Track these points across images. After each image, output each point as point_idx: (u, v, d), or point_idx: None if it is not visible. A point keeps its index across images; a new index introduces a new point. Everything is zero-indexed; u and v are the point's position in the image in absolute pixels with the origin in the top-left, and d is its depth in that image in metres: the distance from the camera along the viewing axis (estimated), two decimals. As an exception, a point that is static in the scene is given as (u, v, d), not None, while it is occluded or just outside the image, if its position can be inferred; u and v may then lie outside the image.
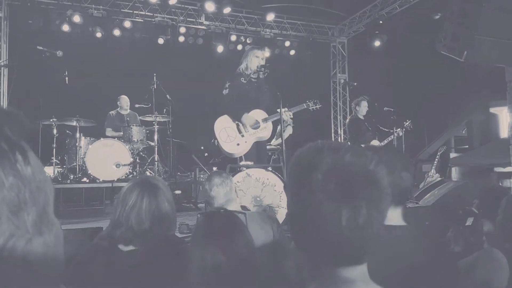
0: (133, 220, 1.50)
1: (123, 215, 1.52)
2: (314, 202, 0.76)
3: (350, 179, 0.76)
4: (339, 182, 0.75)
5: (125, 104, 6.77)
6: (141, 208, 1.51)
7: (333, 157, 0.78)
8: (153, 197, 1.55)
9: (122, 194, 1.57)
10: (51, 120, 5.91)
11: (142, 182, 1.61)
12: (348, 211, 0.74)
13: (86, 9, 7.19)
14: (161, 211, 1.55)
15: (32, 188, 0.51)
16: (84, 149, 5.89)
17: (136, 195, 1.53)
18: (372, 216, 0.76)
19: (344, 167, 0.77)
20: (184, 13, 7.90)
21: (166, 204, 1.57)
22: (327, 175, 0.76)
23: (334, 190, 0.75)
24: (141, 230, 1.50)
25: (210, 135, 4.17)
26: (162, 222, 1.55)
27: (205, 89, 7.39)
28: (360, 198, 0.75)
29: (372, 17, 8.09)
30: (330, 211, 0.74)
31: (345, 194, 0.75)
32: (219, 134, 3.99)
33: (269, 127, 4.08)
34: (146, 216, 1.51)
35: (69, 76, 5.93)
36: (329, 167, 0.77)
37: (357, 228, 0.75)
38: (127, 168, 5.87)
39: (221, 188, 2.30)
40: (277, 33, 8.59)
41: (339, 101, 9.57)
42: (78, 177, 5.83)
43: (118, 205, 1.55)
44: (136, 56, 7.59)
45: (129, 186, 1.58)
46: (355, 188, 0.76)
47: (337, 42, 9.44)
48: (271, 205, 3.48)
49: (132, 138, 6.12)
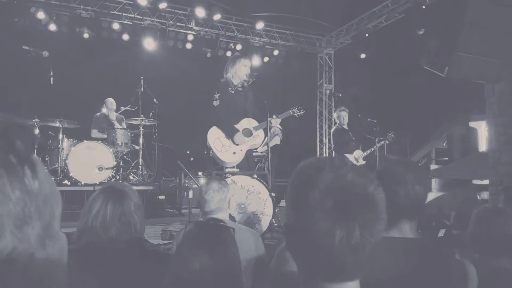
0: (98, 226, 1.51)
1: (88, 222, 1.53)
2: (309, 219, 0.76)
3: (347, 199, 0.76)
4: (335, 202, 0.75)
5: (111, 107, 6.69)
6: (106, 215, 1.53)
7: (334, 175, 0.78)
8: (119, 203, 1.56)
9: (88, 202, 1.58)
10: (34, 121, 5.80)
11: (107, 189, 1.62)
12: (341, 231, 0.74)
13: (74, 10, 7.12)
14: (127, 216, 1.55)
15: (38, 203, 0.52)
16: (66, 151, 5.80)
17: (101, 202, 1.55)
18: (364, 237, 0.76)
19: (343, 186, 0.77)
20: (174, 17, 7.90)
21: (133, 209, 1.58)
22: (325, 193, 0.76)
23: (329, 209, 0.75)
24: (108, 236, 1.51)
25: (198, 141, 4.17)
26: (129, 227, 1.55)
27: (192, 94, 7.40)
28: (355, 219, 0.75)
29: (358, 30, 8.27)
30: (324, 229, 0.75)
31: (340, 214, 0.75)
32: (213, 144, 3.97)
33: (261, 134, 4.11)
34: (111, 222, 1.52)
35: (55, 77, 5.84)
36: (328, 186, 0.76)
37: (349, 248, 0.75)
38: (110, 172, 5.80)
39: (216, 194, 2.31)
40: (266, 42, 8.68)
41: (324, 111, 9.70)
42: (59, 180, 5.73)
43: (85, 212, 1.56)
44: (123, 59, 7.54)
45: (95, 194, 1.60)
46: (351, 209, 0.76)
47: (324, 53, 9.60)
48: (255, 213, 3.50)
49: (116, 141, 6.05)
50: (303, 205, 0.77)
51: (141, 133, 6.30)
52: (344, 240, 0.74)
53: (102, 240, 1.50)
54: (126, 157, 6.38)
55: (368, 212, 0.77)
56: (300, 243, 0.80)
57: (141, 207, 1.64)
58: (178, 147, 7.64)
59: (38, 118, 5.82)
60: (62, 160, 5.77)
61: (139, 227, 1.60)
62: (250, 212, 3.49)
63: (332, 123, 9.10)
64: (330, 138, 7.88)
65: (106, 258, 1.50)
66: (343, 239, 0.74)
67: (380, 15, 7.84)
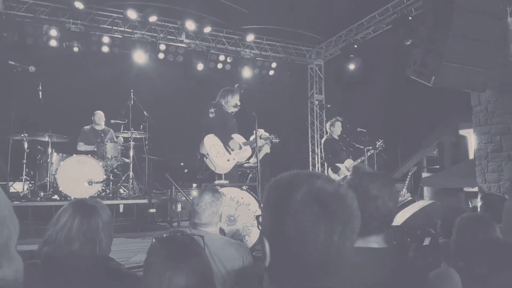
0: (61, 239, 1.48)
1: (53, 234, 1.50)
2: (292, 222, 0.80)
3: (326, 200, 0.82)
4: (317, 202, 0.81)
5: (100, 120, 6.65)
6: (72, 228, 1.49)
7: (309, 181, 0.85)
8: (86, 218, 1.53)
9: (56, 215, 1.55)
10: (22, 135, 5.74)
11: (77, 203, 1.59)
12: (325, 228, 0.79)
13: (63, 24, 7.13)
14: (93, 233, 1.52)
15: None
16: (55, 165, 5.74)
17: (69, 215, 1.52)
18: (346, 234, 0.81)
19: (320, 189, 0.84)
20: (164, 30, 7.95)
21: (101, 226, 1.55)
22: (306, 196, 0.82)
23: (312, 209, 0.80)
24: (70, 250, 1.48)
25: (190, 152, 4.28)
26: (94, 244, 1.51)
27: (183, 107, 7.41)
28: (335, 217, 0.81)
29: (347, 41, 8.38)
30: (307, 229, 0.79)
31: (322, 213, 0.80)
32: (209, 149, 4.19)
33: (248, 149, 4.47)
34: (75, 236, 1.49)
35: (44, 91, 5.82)
36: (307, 189, 0.83)
37: (333, 245, 0.80)
38: (100, 186, 5.74)
39: (208, 208, 2.26)
40: (256, 54, 8.75)
41: (316, 121, 9.75)
42: (49, 194, 5.66)
43: (51, 224, 1.53)
44: (113, 72, 7.53)
45: (64, 207, 1.57)
46: (331, 208, 0.82)
47: (314, 64, 9.70)
48: (245, 225, 3.48)
49: (106, 155, 6.01)
50: (285, 209, 0.82)
51: (132, 146, 6.26)
52: (328, 237, 0.79)
53: (64, 253, 1.47)
54: (116, 170, 6.32)
55: (345, 211, 0.83)
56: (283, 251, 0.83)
57: (110, 226, 1.61)
58: (169, 159, 7.61)
59: (27, 133, 5.77)
60: (51, 174, 5.71)
61: (104, 245, 1.56)
62: (239, 224, 3.47)
63: (324, 133, 9.15)
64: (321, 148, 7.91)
65: (66, 273, 1.46)
66: (327, 236, 0.79)
67: (368, 26, 7.96)
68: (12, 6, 6.82)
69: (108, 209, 1.66)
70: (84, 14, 7.20)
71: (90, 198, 1.69)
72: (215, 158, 4.15)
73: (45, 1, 7.00)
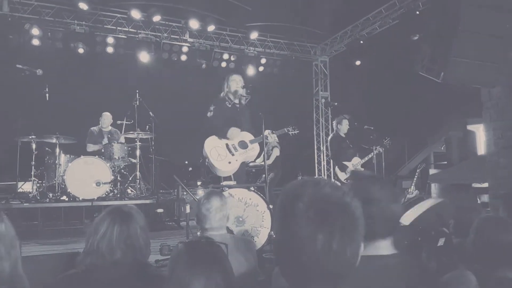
0: (104, 249, 1.49)
1: (94, 244, 1.50)
2: (294, 227, 0.84)
3: (327, 208, 0.85)
4: (317, 210, 0.84)
5: (107, 122, 6.68)
6: (112, 237, 1.50)
7: (314, 189, 0.88)
8: (125, 225, 1.54)
9: (95, 224, 1.56)
10: (30, 137, 5.78)
11: (114, 210, 1.60)
12: (323, 236, 0.82)
13: (68, 25, 7.14)
14: (133, 239, 1.53)
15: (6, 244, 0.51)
16: (63, 166, 5.77)
17: (107, 224, 1.52)
18: (345, 242, 0.84)
19: (323, 197, 0.87)
20: (168, 30, 7.93)
21: (139, 232, 1.56)
22: (308, 203, 0.85)
23: (312, 216, 0.84)
24: (113, 259, 1.48)
25: (195, 150, 4.20)
26: (134, 251, 1.53)
27: (188, 106, 7.39)
28: (335, 225, 0.84)
29: (353, 37, 8.30)
30: (307, 235, 0.83)
31: (322, 221, 0.84)
32: (209, 152, 4.03)
33: (256, 147, 4.20)
34: (117, 245, 1.49)
35: (50, 93, 5.84)
36: (310, 197, 0.86)
37: (332, 253, 0.83)
38: (107, 186, 5.76)
39: (218, 212, 2.29)
40: (260, 51, 8.71)
41: (321, 118, 9.70)
42: (57, 196, 5.69)
43: (91, 234, 1.53)
44: (118, 73, 7.54)
45: (101, 215, 1.58)
46: (331, 216, 0.84)
47: (319, 61, 9.63)
48: (253, 225, 3.46)
49: (113, 156, 6.03)
50: (290, 216, 0.87)
51: (138, 146, 6.28)
52: (326, 245, 0.82)
53: (106, 263, 1.48)
54: (123, 171, 6.34)
55: (346, 219, 0.86)
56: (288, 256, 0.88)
57: (147, 230, 1.62)
58: (175, 159, 7.62)
59: (34, 135, 5.81)
60: (59, 176, 5.74)
61: (145, 251, 1.58)
62: (248, 225, 3.46)
63: (330, 130, 9.10)
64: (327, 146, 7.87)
65: (110, 282, 1.47)
66: (325, 243, 0.82)
67: (374, 21, 7.88)
68: (17, 9, 6.84)
69: (142, 213, 1.67)
70: (88, 15, 7.21)
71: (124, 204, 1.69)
72: (215, 161, 4.00)
73: (49, 2, 7.01)
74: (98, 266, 1.48)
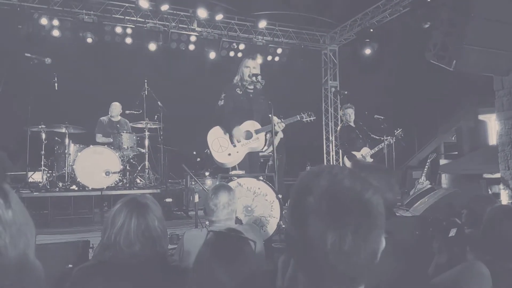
0: (122, 242, 1.46)
1: (111, 237, 1.47)
2: (304, 223, 0.77)
3: (341, 205, 0.76)
4: (330, 207, 0.76)
5: (116, 111, 6.71)
6: (130, 229, 1.47)
7: (331, 181, 0.79)
8: (142, 217, 1.50)
9: (111, 216, 1.53)
10: (40, 127, 5.83)
11: (130, 202, 1.55)
12: (333, 235, 0.74)
13: (76, 15, 7.14)
14: (151, 231, 1.50)
15: (12, 232, 0.49)
16: (73, 156, 5.81)
17: (124, 216, 1.49)
18: (358, 244, 0.75)
19: (339, 192, 0.77)
20: (176, 19, 7.88)
21: (156, 223, 1.52)
22: (320, 198, 0.77)
23: (323, 214, 0.76)
24: (132, 251, 1.46)
25: (203, 141, 4.19)
26: (153, 242, 1.50)
27: (196, 96, 7.38)
28: (347, 225, 0.75)
29: (362, 25, 8.16)
30: (316, 234, 0.75)
31: (333, 219, 0.75)
32: (211, 144, 4.02)
33: (261, 138, 4.12)
34: (135, 238, 1.47)
35: (59, 82, 5.86)
36: (323, 191, 0.77)
37: (343, 254, 0.75)
38: (116, 176, 5.80)
39: (226, 207, 2.30)
40: (269, 40, 8.62)
41: (330, 108, 9.61)
42: (67, 185, 5.75)
43: (107, 226, 1.51)
44: (127, 62, 7.54)
45: (118, 207, 1.54)
46: (344, 215, 0.76)
47: (328, 50, 9.50)
48: (262, 215, 3.46)
49: (122, 145, 6.06)
50: (300, 210, 0.79)
51: (147, 136, 6.30)
52: (336, 246, 0.74)
53: (126, 256, 1.45)
54: (132, 160, 6.38)
55: (362, 218, 0.76)
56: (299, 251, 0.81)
57: (163, 220, 1.59)
58: (183, 148, 7.64)
59: (44, 124, 5.86)
60: (69, 165, 5.79)
61: (163, 241, 1.55)
62: (257, 214, 3.45)
63: (338, 120, 9.03)
64: (336, 136, 7.81)
65: (130, 274, 1.45)
66: (335, 244, 0.74)
67: (384, 9, 7.72)
68: (26, -2, 6.85)
69: (157, 203, 1.64)
70: (96, 4, 7.19)
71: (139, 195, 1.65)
72: (215, 153, 3.99)
73: (58, -8, 7.00)
74: (118, 259, 1.46)
